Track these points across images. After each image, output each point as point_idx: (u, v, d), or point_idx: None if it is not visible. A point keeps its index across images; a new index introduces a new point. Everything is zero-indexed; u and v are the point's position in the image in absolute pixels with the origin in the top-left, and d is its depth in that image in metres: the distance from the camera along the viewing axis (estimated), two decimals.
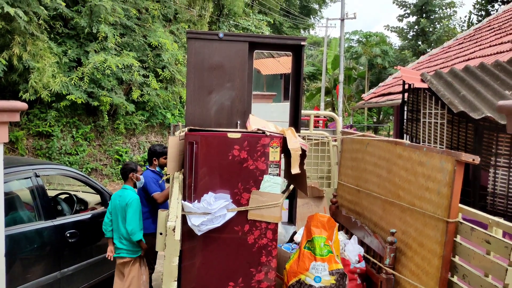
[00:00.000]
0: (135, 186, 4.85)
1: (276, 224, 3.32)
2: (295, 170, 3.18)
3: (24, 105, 1.87)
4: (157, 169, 5.23)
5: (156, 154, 5.23)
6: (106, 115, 12.71)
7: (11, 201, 4.58)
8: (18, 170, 4.73)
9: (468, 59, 7.95)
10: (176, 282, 2.45)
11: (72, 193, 6.03)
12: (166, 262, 2.42)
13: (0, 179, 1.94)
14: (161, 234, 2.51)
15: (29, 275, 4.38)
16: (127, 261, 4.58)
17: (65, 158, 11.91)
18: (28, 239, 4.45)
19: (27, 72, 10.27)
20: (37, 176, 4.90)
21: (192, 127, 3.45)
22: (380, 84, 13.05)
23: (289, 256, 3.67)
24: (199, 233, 3.18)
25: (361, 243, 3.86)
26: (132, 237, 4.49)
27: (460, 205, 2.86)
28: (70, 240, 4.88)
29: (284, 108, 6.46)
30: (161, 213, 2.55)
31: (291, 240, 4.24)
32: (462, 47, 10.16)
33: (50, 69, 10.55)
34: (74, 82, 11.46)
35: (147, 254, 4.88)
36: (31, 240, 4.47)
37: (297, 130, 4.28)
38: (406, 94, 6.02)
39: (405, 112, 5.99)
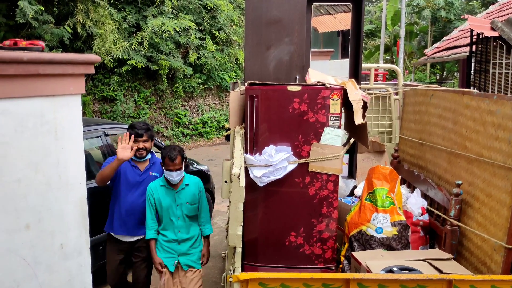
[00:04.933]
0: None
1: (337, 176, 3.33)
2: (358, 120, 3.14)
3: (97, 58, 1.98)
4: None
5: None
6: (165, 79, 13.04)
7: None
8: (89, 130, 5.00)
9: None
10: (241, 227, 2.55)
11: None
12: (232, 208, 2.52)
13: (79, 127, 2.09)
14: (226, 182, 2.61)
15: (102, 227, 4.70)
16: None
17: (129, 121, 12.44)
18: (101, 194, 4.74)
19: (90, 38, 10.68)
20: (106, 135, 5.17)
21: (252, 81, 3.48)
22: (445, 38, 12.38)
23: (349, 209, 3.69)
24: (261, 185, 3.26)
25: (424, 196, 3.80)
26: None
27: None
28: None
29: (341, 65, 6.32)
30: (226, 163, 2.64)
31: (351, 194, 4.25)
32: None
33: (111, 35, 10.91)
34: (134, 47, 11.80)
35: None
36: (103, 195, 4.76)
37: (358, 83, 4.20)
38: (474, 46, 5.70)
39: (473, 64, 5.68)
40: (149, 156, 3.97)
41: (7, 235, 1.92)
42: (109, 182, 3.91)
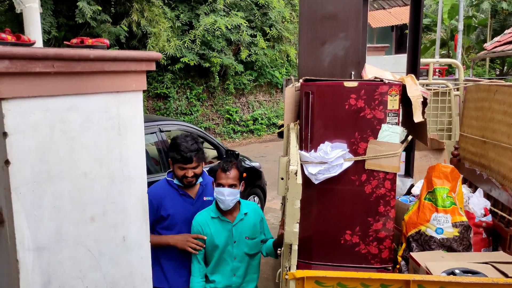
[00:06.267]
0: None
1: (395, 174, 3.24)
2: (417, 118, 3.04)
3: (159, 55, 2.01)
4: (175, 181, 3.08)
5: (171, 158, 3.05)
6: (217, 76, 13.20)
7: None
8: (145, 126, 5.13)
9: None
10: (298, 224, 2.53)
11: None
12: (289, 205, 2.50)
13: (140, 123, 2.14)
14: (282, 179, 2.60)
15: None
16: None
17: (181, 118, 12.71)
18: None
19: (145, 37, 10.99)
20: (161, 131, 5.30)
21: (308, 78, 3.44)
22: (506, 31, 11.78)
23: (407, 208, 3.58)
24: (316, 182, 3.22)
25: (487, 196, 3.63)
26: None
27: None
28: None
29: (396, 60, 6.14)
30: (282, 159, 2.63)
31: (408, 192, 4.12)
32: None
33: (165, 33, 11.17)
34: (186, 45, 12.02)
35: None
36: None
37: (417, 79, 4.07)
38: None
39: None
40: (200, 179, 3.13)
41: (74, 227, 2.00)
42: None
